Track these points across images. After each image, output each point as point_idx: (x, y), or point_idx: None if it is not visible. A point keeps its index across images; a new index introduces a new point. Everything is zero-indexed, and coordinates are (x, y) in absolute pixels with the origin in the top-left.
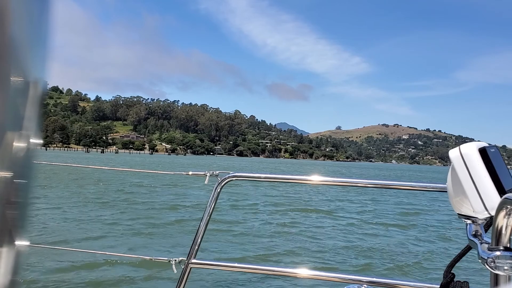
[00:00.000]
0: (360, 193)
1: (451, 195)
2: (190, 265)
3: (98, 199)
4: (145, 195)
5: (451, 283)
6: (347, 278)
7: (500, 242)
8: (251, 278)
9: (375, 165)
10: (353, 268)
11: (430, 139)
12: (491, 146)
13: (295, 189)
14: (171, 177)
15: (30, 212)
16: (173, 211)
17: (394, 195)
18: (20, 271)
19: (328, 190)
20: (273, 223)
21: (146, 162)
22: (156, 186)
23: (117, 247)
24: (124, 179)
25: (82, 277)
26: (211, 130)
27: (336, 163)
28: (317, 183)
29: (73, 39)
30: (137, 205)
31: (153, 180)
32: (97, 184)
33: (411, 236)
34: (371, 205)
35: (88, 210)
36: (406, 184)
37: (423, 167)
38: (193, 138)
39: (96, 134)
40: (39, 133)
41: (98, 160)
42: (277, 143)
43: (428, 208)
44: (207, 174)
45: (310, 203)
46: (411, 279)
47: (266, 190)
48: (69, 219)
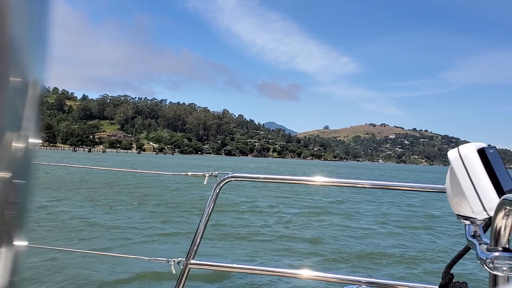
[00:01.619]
0: (357, 193)
1: (449, 195)
2: (189, 265)
3: (96, 199)
4: (144, 195)
5: (450, 283)
6: (346, 279)
7: (499, 243)
8: (250, 278)
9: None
10: (352, 269)
11: (417, 139)
12: (490, 147)
13: (294, 189)
14: (170, 178)
15: (29, 213)
16: (172, 211)
17: (392, 196)
18: (19, 272)
19: (327, 191)
20: (272, 224)
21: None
22: (154, 187)
23: (116, 247)
24: (122, 179)
25: (81, 277)
26: (199, 129)
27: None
28: (316, 183)
29: (61, 37)
30: (136, 205)
31: (151, 181)
32: (95, 185)
33: (410, 236)
34: (370, 205)
35: (87, 210)
36: (405, 184)
37: (410, 166)
38: (181, 137)
39: (83, 133)
40: (38, 134)
41: (87, 159)
42: (265, 143)
43: (427, 209)
44: (206, 174)
45: (309, 203)
46: (410, 280)
47: (264, 190)
48: (67, 219)
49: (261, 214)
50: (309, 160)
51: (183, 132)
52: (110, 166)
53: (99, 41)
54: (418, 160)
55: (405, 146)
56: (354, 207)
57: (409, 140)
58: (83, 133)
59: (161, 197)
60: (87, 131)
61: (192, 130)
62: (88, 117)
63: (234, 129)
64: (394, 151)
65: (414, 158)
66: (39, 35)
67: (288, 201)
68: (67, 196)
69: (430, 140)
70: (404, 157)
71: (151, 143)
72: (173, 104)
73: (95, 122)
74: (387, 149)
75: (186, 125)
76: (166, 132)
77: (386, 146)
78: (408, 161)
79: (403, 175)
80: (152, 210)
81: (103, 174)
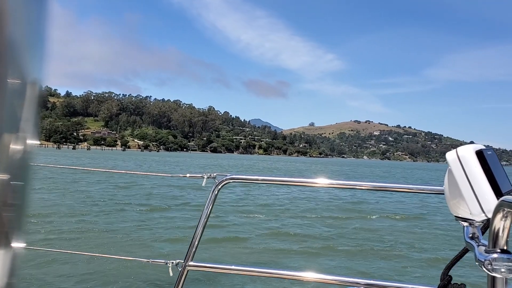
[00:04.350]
0: (356, 194)
1: (448, 197)
2: (187, 267)
3: (94, 201)
4: (141, 196)
5: (448, 285)
6: (345, 281)
7: (497, 245)
8: (248, 280)
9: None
10: (350, 271)
11: (401, 135)
12: (488, 149)
13: (293, 190)
14: (168, 179)
15: (26, 214)
16: (170, 213)
17: (388, 196)
18: (16, 274)
19: (326, 191)
20: (271, 226)
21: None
22: (152, 188)
23: (114, 249)
24: (119, 180)
25: (79, 279)
26: (185, 126)
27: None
28: (315, 185)
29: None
30: (134, 207)
31: (149, 182)
32: (92, 186)
33: (408, 238)
34: (368, 205)
35: (84, 212)
36: (404, 186)
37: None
38: (166, 134)
39: (67, 130)
40: (37, 135)
41: (72, 157)
42: (251, 140)
43: (425, 210)
44: (205, 176)
45: (307, 204)
46: (409, 282)
47: (263, 191)
48: (65, 221)
49: (260, 215)
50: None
51: (168, 129)
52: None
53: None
54: (402, 156)
55: (389, 142)
56: (352, 208)
57: (393, 136)
58: (67, 130)
59: (159, 199)
60: (71, 128)
61: (178, 127)
62: (72, 114)
63: (220, 126)
64: (378, 148)
65: (398, 155)
66: (37, 36)
67: (287, 202)
68: (64, 197)
69: (414, 136)
70: (388, 154)
71: (136, 140)
72: (158, 100)
73: (79, 119)
74: (371, 146)
75: (171, 122)
76: (151, 129)
77: (370, 142)
78: (392, 158)
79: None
80: (150, 211)
81: (100, 175)
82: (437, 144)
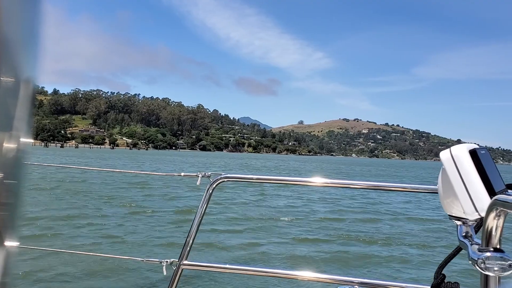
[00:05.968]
0: (350, 193)
1: (441, 196)
2: (182, 266)
3: (88, 200)
4: (136, 196)
5: (441, 284)
6: (339, 279)
7: (490, 243)
8: (243, 279)
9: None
10: (344, 269)
11: (389, 133)
12: (481, 148)
13: (289, 189)
14: (162, 178)
15: (20, 213)
16: (164, 212)
17: (385, 196)
18: (10, 273)
19: (321, 191)
20: (266, 225)
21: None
22: (146, 187)
23: (108, 248)
24: (113, 180)
25: (73, 278)
26: (173, 124)
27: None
28: (311, 184)
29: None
30: (128, 206)
31: (143, 181)
32: (86, 185)
33: (402, 237)
34: (363, 205)
35: (79, 211)
36: (398, 185)
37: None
38: (154, 132)
39: (55, 128)
40: (30, 134)
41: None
42: (240, 138)
43: (418, 210)
44: (199, 175)
45: (302, 204)
46: (402, 280)
47: (258, 191)
48: (59, 220)
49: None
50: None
51: (157, 127)
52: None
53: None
54: (390, 154)
55: (377, 140)
56: (346, 207)
57: (382, 134)
58: (55, 128)
59: (153, 198)
60: (58, 126)
61: (166, 125)
62: (60, 112)
63: (209, 124)
64: (367, 146)
65: (387, 153)
66: (31, 34)
67: (282, 201)
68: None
69: (402, 134)
70: (376, 152)
71: (125, 138)
72: (146, 98)
73: (66, 117)
74: (360, 144)
75: (160, 120)
76: (139, 127)
77: (359, 140)
78: (381, 156)
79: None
80: (144, 210)
81: (93, 174)
82: (425, 142)
